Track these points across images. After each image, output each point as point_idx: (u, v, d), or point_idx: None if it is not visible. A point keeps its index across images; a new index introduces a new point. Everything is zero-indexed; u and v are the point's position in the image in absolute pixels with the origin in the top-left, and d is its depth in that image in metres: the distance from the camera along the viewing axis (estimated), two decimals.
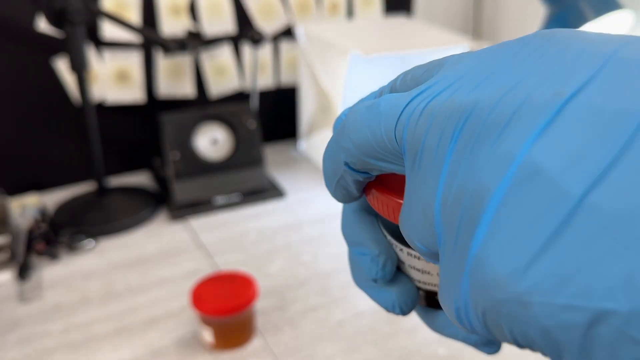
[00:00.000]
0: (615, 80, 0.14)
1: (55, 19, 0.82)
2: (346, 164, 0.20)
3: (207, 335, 0.64)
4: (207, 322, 0.63)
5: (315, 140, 1.11)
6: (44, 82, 0.96)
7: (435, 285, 0.23)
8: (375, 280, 0.23)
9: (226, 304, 0.62)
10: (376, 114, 0.19)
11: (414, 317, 0.69)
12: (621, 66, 0.14)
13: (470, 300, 0.15)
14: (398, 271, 0.24)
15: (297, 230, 0.89)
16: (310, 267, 0.79)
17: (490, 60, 0.17)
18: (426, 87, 0.18)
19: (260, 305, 0.71)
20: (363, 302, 0.72)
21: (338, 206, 0.95)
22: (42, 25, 0.92)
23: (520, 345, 0.14)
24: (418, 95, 0.18)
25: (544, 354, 0.14)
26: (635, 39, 0.15)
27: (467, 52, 0.19)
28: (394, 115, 0.18)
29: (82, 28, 0.83)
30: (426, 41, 0.99)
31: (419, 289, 0.24)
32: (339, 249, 0.83)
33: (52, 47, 0.95)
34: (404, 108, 0.18)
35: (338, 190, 0.22)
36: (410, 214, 0.18)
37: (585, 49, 0.15)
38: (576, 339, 0.12)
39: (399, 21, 1.13)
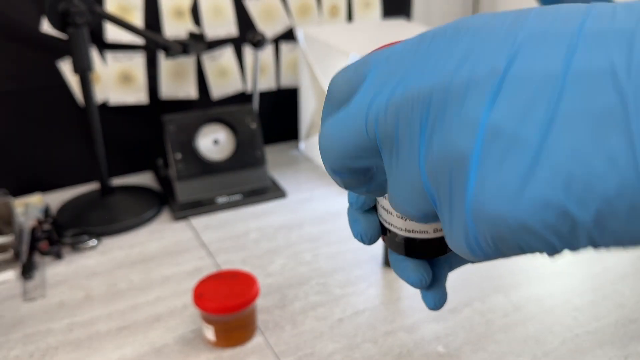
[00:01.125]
0: (530, 54, 0.17)
1: (58, 21, 0.83)
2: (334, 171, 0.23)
3: (209, 333, 0.65)
4: (208, 320, 0.64)
5: (315, 141, 1.11)
6: (49, 84, 0.97)
7: (395, 226, 0.28)
8: (351, 204, 0.29)
9: (228, 302, 0.63)
10: (344, 124, 0.22)
11: (412, 316, 0.70)
12: (530, 42, 0.18)
13: (479, 235, 0.19)
14: (373, 211, 0.29)
15: (298, 230, 0.90)
16: (311, 266, 0.80)
17: (421, 51, 0.20)
18: (377, 87, 0.21)
19: (261, 303, 0.72)
20: (362, 301, 0.73)
21: (338, 206, 0.96)
22: (47, 27, 0.93)
23: (524, 251, 0.19)
24: (376, 96, 0.21)
25: (541, 250, 0.18)
26: (528, 10, 0.19)
27: (390, 47, 0.22)
28: (361, 119, 0.21)
29: (85, 30, 0.84)
30: None
31: (387, 230, 0.29)
32: (339, 248, 0.84)
33: (57, 49, 0.96)
34: (368, 110, 0.21)
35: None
36: (400, 193, 0.22)
37: (494, 32, 0.19)
38: (563, 234, 0.17)
39: (398, 24, 1.14)
